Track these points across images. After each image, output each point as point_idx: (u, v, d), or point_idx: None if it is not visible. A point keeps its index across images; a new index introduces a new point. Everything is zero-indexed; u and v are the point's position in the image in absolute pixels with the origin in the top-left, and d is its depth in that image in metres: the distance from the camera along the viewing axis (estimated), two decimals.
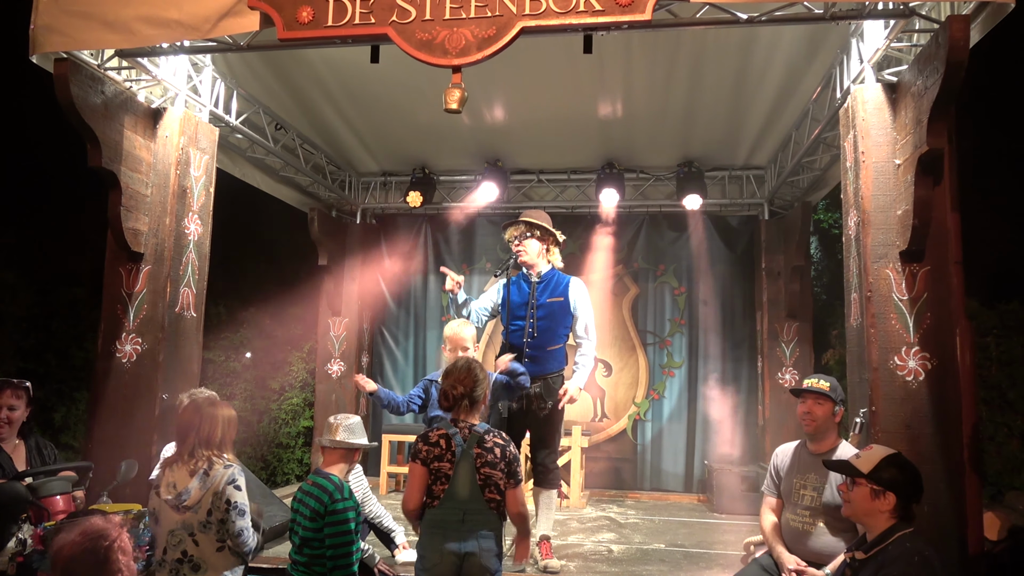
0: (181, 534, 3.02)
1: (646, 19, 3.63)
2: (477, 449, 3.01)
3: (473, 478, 2.97)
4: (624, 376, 8.06)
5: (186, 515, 3.01)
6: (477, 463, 2.99)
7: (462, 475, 2.98)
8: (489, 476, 3.00)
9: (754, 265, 7.92)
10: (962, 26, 3.48)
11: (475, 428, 3.06)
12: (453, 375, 3.13)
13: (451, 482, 2.98)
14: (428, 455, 3.03)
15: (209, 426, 3.09)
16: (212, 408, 3.15)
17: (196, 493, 3.00)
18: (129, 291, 4.85)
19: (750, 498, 6.51)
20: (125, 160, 4.73)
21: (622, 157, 7.50)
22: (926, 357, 4.01)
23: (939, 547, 3.60)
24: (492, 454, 3.02)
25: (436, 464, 3.01)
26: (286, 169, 7.16)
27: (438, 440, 3.04)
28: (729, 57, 5.38)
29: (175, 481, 3.06)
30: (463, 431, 3.04)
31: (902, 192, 4.09)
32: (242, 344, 9.29)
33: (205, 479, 3.02)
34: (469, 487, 2.97)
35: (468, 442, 3.01)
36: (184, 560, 3.00)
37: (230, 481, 3.04)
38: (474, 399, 3.10)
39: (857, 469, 2.73)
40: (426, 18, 3.81)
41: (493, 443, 3.04)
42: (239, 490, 3.05)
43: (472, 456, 3.00)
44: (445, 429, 3.07)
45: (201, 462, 3.04)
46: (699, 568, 4.79)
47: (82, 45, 4.23)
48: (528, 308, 4.55)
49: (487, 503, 2.98)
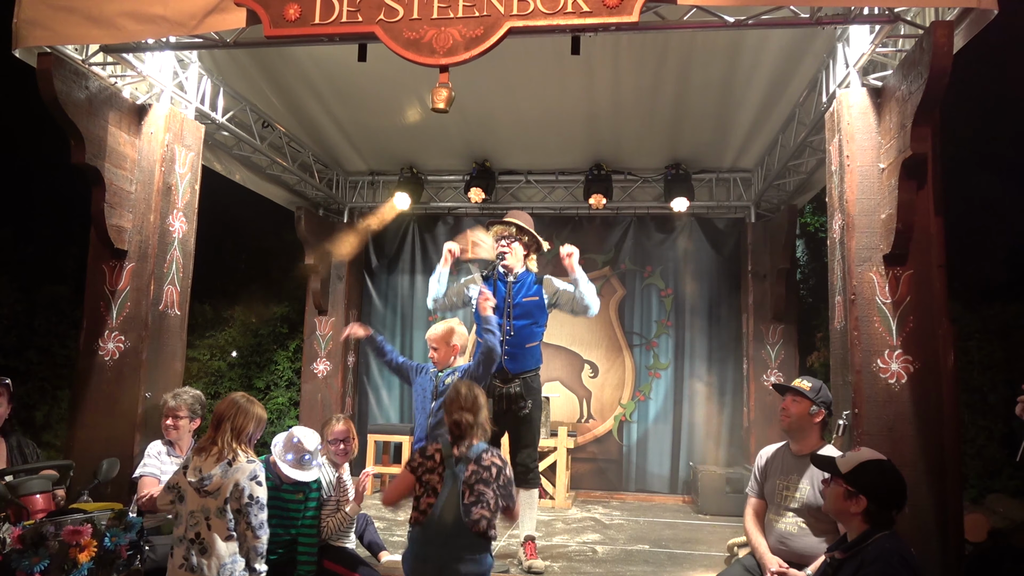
0: (199, 516, 3.14)
1: (633, 21, 3.64)
2: (473, 466, 3.04)
3: (458, 502, 2.98)
4: (610, 377, 8.07)
5: (206, 499, 3.14)
6: (471, 479, 3.01)
7: (450, 495, 3.01)
8: (482, 493, 3.00)
9: (740, 267, 7.95)
10: (946, 32, 3.50)
11: (473, 448, 3.09)
12: (457, 403, 3.16)
13: (438, 499, 3.01)
14: (420, 468, 3.10)
15: (243, 420, 3.24)
16: (250, 405, 3.29)
17: (217, 480, 3.13)
18: (112, 288, 4.81)
19: (734, 499, 6.54)
20: (109, 156, 4.68)
21: (610, 159, 7.52)
22: (909, 360, 4.04)
23: (919, 548, 3.64)
24: (488, 472, 3.04)
25: (427, 476, 3.07)
26: (273, 167, 7.12)
27: (433, 454, 3.12)
28: (716, 60, 5.40)
29: (200, 466, 3.17)
30: (460, 450, 3.08)
31: (886, 196, 4.12)
32: (227, 343, 9.24)
33: (228, 468, 3.14)
34: (455, 510, 2.98)
35: (461, 462, 3.05)
36: (196, 541, 3.12)
37: (252, 476, 3.17)
38: (480, 424, 3.14)
39: (836, 467, 2.75)
40: (414, 17, 3.80)
41: (490, 461, 3.07)
42: (260, 485, 3.19)
43: (460, 477, 3.02)
44: (441, 445, 3.15)
45: (228, 452, 3.17)
46: (683, 569, 4.81)
47: (66, 40, 4.19)
48: (505, 308, 4.56)
49: (472, 526, 2.95)
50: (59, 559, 3.11)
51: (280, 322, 9.16)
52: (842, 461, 2.78)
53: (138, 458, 4.29)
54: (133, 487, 4.14)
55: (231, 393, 3.39)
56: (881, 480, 2.71)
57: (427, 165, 7.98)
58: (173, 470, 4.13)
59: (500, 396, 4.49)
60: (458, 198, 8.14)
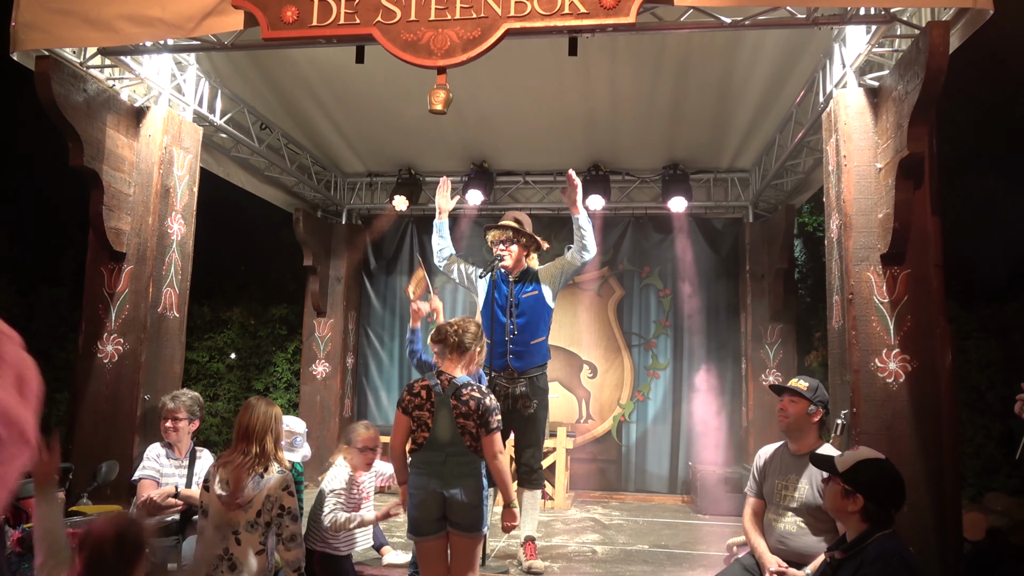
0: (226, 531, 3.05)
1: (630, 22, 3.64)
2: (454, 400, 3.24)
3: (452, 425, 3.22)
4: (609, 377, 8.08)
5: (234, 512, 3.06)
6: (454, 413, 3.23)
7: (441, 423, 3.23)
8: (464, 425, 3.23)
9: (738, 267, 7.96)
10: (942, 32, 3.52)
11: (454, 380, 3.28)
12: (453, 322, 3.43)
13: (431, 430, 3.24)
14: (410, 404, 3.28)
15: (276, 433, 3.22)
16: (269, 407, 3.26)
17: (250, 492, 3.06)
18: (111, 291, 4.81)
19: (733, 499, 6.54)
20: (107, 159, 4.69)
21: (608, 159, 7.53)
22: (907, 359, 4.04)
23: (918, 547, 3.65)
24: (467, 406, 3.23)
25: (417, 412, 3.27)
26: (271, 169, 7.12)
27: (420, 391, 3.30)
28: (714, 61, 5.41)
29: (229, 478, 3.09)
30: (443, 383, 3.28)
31: (883, 196, 4.13)
32: (226, 345, 9.24)
33: (260, 480, 3.09)
34: (449, 433, 3.22)
35: (446, 392, 3.25)
36: (224, 558, 3.03)
37: (285, 487, 3.13)
38: (462, 345, 3.34)
39: (834, 466, 2.76)
40: (411, 19, 3.80)
41: (469, 396, 3.26)
42: (292, 496, 3.16)
43: (449, 405, 3.23)
44: (428, 380, 3.32)
45: (260, 464, 3.13)
46: (682, 569, 4.81)
47: (64, 43, 4.20)
48: (508, 306, 4.57)
49: (467, 446, 3.23)
50: None
51: (279, 324, 9.16)
52: (840, 460, 2.78)
53: (137, 461, 4.28)
54: (132, 490, 4.14)
55: (249, 400, 3.31)
56: (879, 479, 2.71)
57: (425, 166, 7.98)
58: (172, 473, 4.14)
59: (506, 395, 4.47)
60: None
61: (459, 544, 3.27)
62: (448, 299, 8.28)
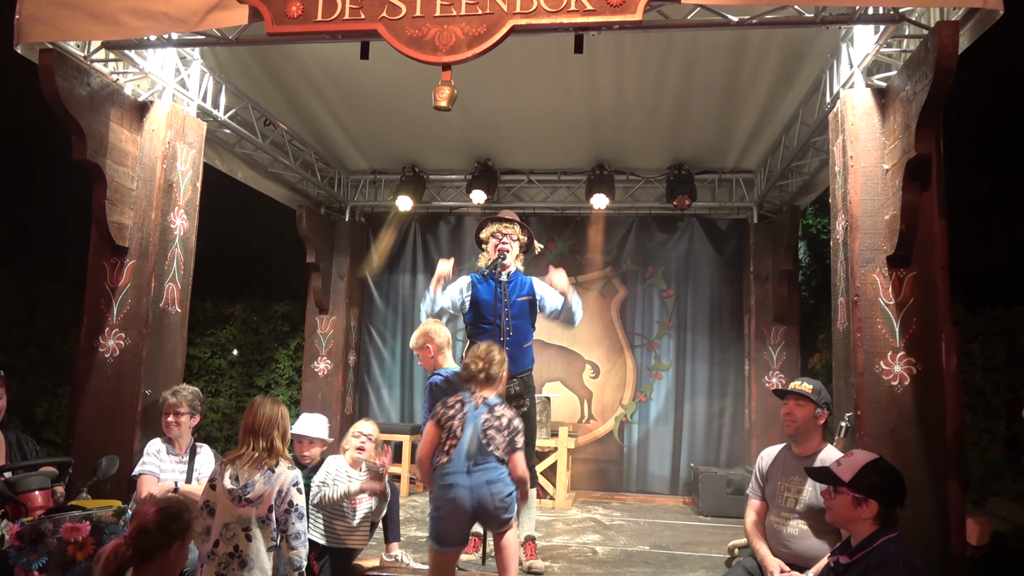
0: (235, 528, 3.05)
1: (637, 20, 3.62)
2: (486, 415, 3.42)
3: (479, 437, 3.36)
4: (611, 378, 8.06)
5: (244, 509, 3.06)
6: (484, 426, 3.38)
7: (470, 434, 3.37)
8: (493, 438, 3.38)
9: (742, 268, 7.93)
10: (951, 32, 3.49)
11: (488, 400, 3.48)
12: (473, 355, 3.58)
13: (460, 440, 3.37)
14: (443, 416, 3.44)
15: (283, 429, 3.23)
16: (276, 406, 3.27)
17: (260, 487, 3.07)
18: (113, 285, 4.80)
19: (735, 501, 6.52)
20: (110, 153, 4.68)
21: (612, 159, 7.51)
22: (912, 362, 4.02)
23: (922, 552, 3.62)
24: (499, 421, 3.42)
25: (449, 423, 3.42)
26: (275, 165, 7.11)
27: (455, 404, 3.47)
28: (720, 60, 5.38)
29: (238, 474, 3.10)
30: (476, 400, 3.47)
31: (890, 197, 4.10)
32: (228, 341, 9.23)
33: (270, 476, 3.10)
34: (477, 444, 3.35)
35: (479, 408, 3.43)
36: (235, 555, 3.02)
37: (294, 483, 3.14)
38: (490, 376, 3.51)
39: (838, 477, 2.72)
40: (416, 15, 3.79)
41: (502, 412, 3.46)
42: (300, 493, 3.17)
43: (480, 420, 3.39)
44: (462, 396, 3.50)
45: (270, 460, 3.14)
46: (683, 570, 4.79)
47: (68, 36, 4.18)
48: (501, 308, 4.53)
49: (493, 456, 3.36)
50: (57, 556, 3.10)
51: (281, 320, 9.15)
52: (840, 469, 2.75)
53: (138, 456, 4.27)
54: (132, 485, 4.13)
55: (255, 398, 3.31)
56: (884, 480, 2.70)
57: (429, 164, 7.97)
58: (172, 468, 4.13)
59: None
60: (460, 197, 8.12)
61: (500, 539, 3.45)
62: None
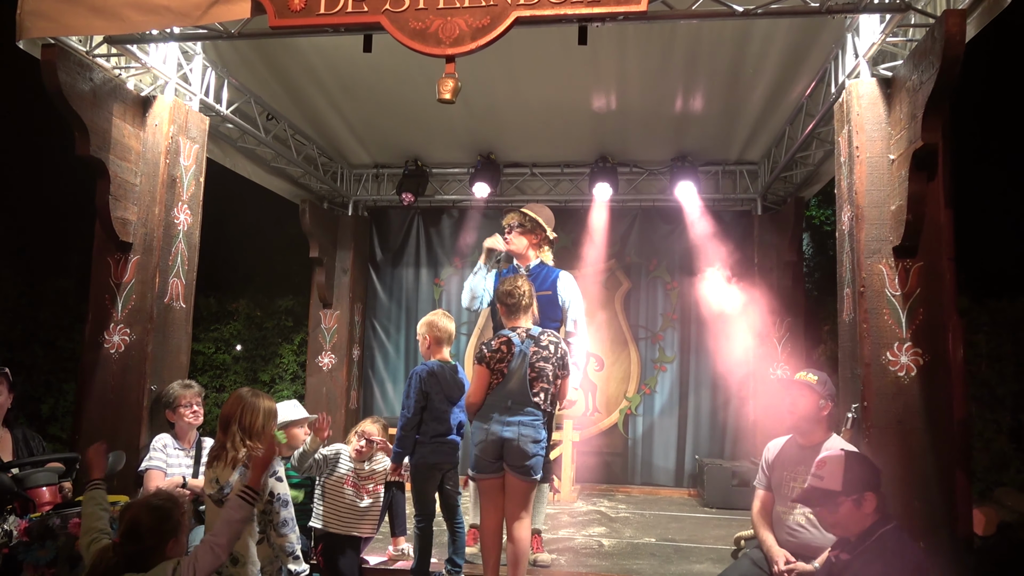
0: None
1: (641, 10, 3.60)
2: (534, 347, 3.62)
3: (525, 373, 3.57)
4: (616, 370, 8.05)
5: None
6: (533, 359, 3.59)
7: (516, 370, 3.58)
8: (542, 369, 3.59)
9: (746, 260, 7.90)
10: (958, 21, 3.46)
11: (530, 331, 3.67)
12: (515, 286, 3.74)
13: (506, 376, 3.58)
14: (492, 358, 3.62)
15: (251, 416, 3.07)
16: (255, 398, 3.13)
17: (238, 485, 2.95)
18: (117, 281, 4.79)
19: (741, 492, 6.53)
20: (114, 149, 4.67)
21: (616, 151, 7.48)
22: (918, 353, 4.00)
23: (928, 542, 3.62)
24: (547, 350, 3.64)
25: (497, 365, 3.61)
26: (277, 160, 7.10)
27: (499, 346, 3.63)
28: (724, 51, 5.36)
29: (217, 476, 3.02)
30: (520, 334, 3.65)
31: (896, 187, 4.08)
32: (232, 336, 9.24)
33: (245, 471, 2.96)
34: (520, 381, 3.56)
35: (525, 343, 3.62)
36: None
37: (272, 473, 3.03)
38: (526, 305, 3.72)
39: (831, 491, 2.69)
40: (420, 7, 3.76)
41: (548, 341, 3.67)
42: (280, 481, 3.07)
43: (528, 354, 3.59)
44: (507, 335, 3.67)
45: (242, 452, 3.01)
46: (689, 562, 4.79)
47: (70, 31, 4.16)
48: None
49: (531, 396, 3.57)
50: (65, 552, 3.11)
51: (285, 315, 9.16)
52: (826, 483, 2.69)
53: (144, 451, 4.29)
54: (139, 480, 4.14)
55: (236, 390, 3.23)
56: (864, 467, 2.71)
57: (432, 158, 7.95)
58: (179, 463, 4.15)
59: None
60: (463, 191, 8.11)
61: (513, 485, 3.60)
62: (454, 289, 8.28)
